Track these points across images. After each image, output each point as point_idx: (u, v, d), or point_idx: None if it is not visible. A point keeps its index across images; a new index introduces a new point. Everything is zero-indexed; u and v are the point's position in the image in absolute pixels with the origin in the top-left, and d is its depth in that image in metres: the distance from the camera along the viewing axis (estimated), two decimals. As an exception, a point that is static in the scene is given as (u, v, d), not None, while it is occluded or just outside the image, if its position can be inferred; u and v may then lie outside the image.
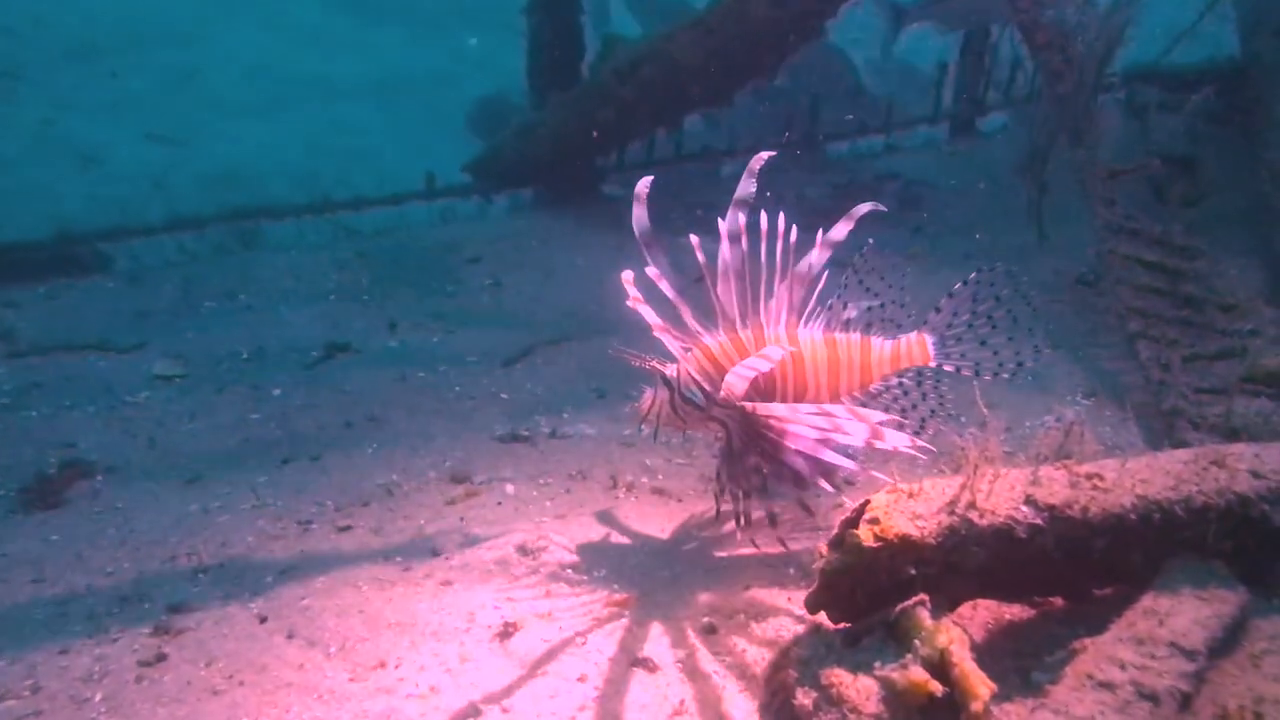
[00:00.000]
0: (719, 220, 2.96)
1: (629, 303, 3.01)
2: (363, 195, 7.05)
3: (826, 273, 3.10)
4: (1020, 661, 2.61)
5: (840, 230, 3.00)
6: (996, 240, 5.27)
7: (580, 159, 7.26)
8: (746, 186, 2.91)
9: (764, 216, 2.99)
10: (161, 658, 2.87)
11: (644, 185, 2.86)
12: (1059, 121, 4.74)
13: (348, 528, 3.54)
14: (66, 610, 3.11)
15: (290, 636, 2.94)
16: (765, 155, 2.89)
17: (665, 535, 3.40)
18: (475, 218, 7.72)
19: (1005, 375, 3.21)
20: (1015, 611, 2.76)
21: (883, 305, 3.20)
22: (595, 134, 6.56)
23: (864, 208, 3.01)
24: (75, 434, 4.36)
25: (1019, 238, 5.51)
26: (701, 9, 6.34)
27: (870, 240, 3.16)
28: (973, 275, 3.20)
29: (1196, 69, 6.64)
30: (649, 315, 2.88)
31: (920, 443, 2.92)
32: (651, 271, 2.93)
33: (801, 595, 2.95)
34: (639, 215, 2.86)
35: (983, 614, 2.77)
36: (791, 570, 3.10)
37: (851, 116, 7.35)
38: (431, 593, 3.11)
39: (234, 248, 6.79)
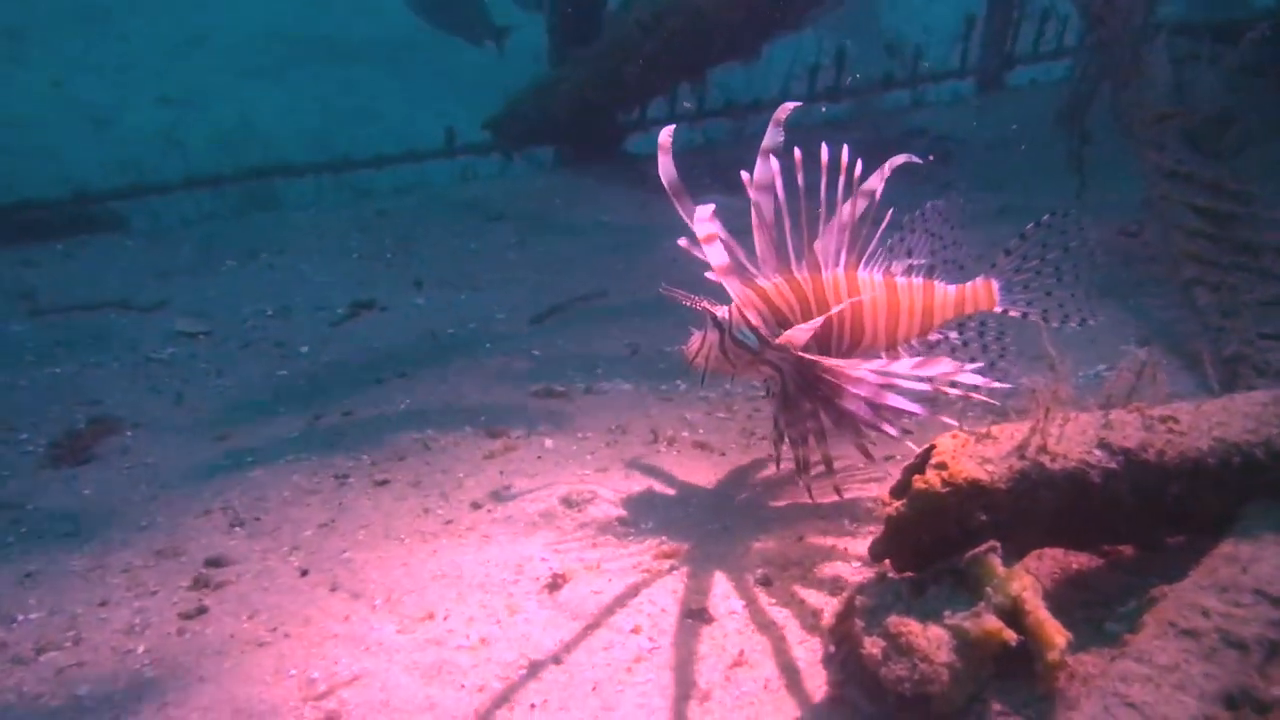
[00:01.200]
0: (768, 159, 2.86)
1: (681, 242, 2.92)
2: (383, 153, 6.94)
3: (890, 211, 3.01)
4: (1091, 611, 2.53)
5: (875, 181, 2.91)
6: (1030, 194, 5.15)
7: (602, 115, 7.13)
8: (774, 136, 2.81)
9: (825, 149, 2.88)
10: (202, 610, 2.80)
11: (667, 134, 2.74)
12: (1102, 67, 4.61)
13: (385, 481, 3.46)
14: (104, 563, 3.04)
15: (334, 589, 2.87)
16: (791, 105, 2.79)
17: (711, 487, 3.32)
18: (496, 176, 7.60)
19: (1073, 325, 3.12)
20: (1083, 561, 2.67)
21: (947, 247, 3.10)
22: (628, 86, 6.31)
23: (899, 159, 2.92)
24: (101, 390, 4.28)
25: (1053, 190, 5.38)
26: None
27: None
28: (1045, 218, 3.10)
29: (1233, 21, 6.48)
30: (717, 254, 2.76)
31: (995, 383, 2.85)
32: (703, 212, 2.82)
33: (858, 545, 2.88)
34: (665, 165, 2.73)
35: (1048, 563, 2.68)
36: (846, 520, 3.02)
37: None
38: (476, 545, 3.04)
39: (252, 207, 6.68)
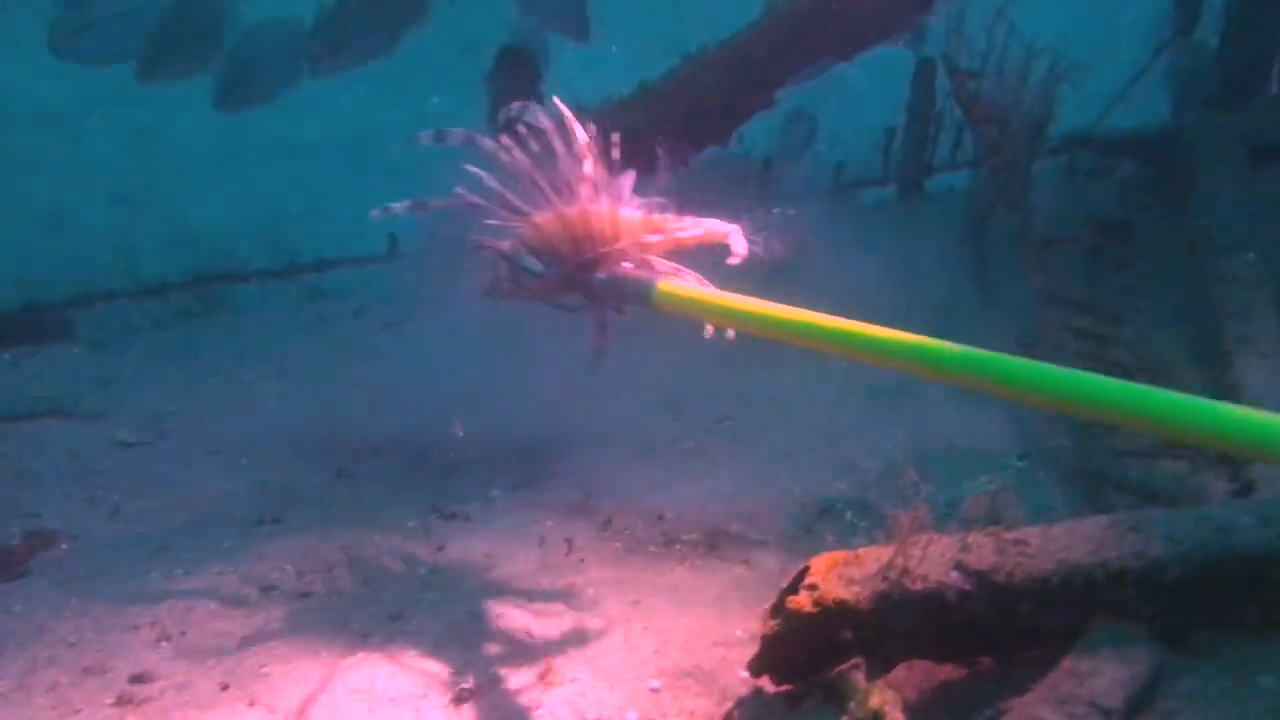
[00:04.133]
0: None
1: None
2: (326, 258, 7.15)
3: None
4: (953, 720, 2.76)
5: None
6: (939, 298, 5.49)
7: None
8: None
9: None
10: (124, 727, 2.95)
11: None
12: (997, 191, 4.97)
13: (309, 593, 3.63)
14: (28, 683, 3.16)
15: (251, 704, 3.02)
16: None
17: (623, 597, 3.52)
18: (438, 281, 7.82)
19: None
20: (948, 672, 2.90)
21: None
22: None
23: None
24: (39, 503, 4.40)
25: (962, 298, 5.72)
26: (654, 80, 6.53)
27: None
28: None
29: (1131, 134, 6.94)
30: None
31: None
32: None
33: (748, 657, 3.08)
34: None
35: (918, 674, 2.90)
36: (738, 632, 3.23)
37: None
38: (389, 657, 3.21)
39: (199, 310, 6.84)
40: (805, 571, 2.80)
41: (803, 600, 2.73)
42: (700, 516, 4.00)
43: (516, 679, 3.07)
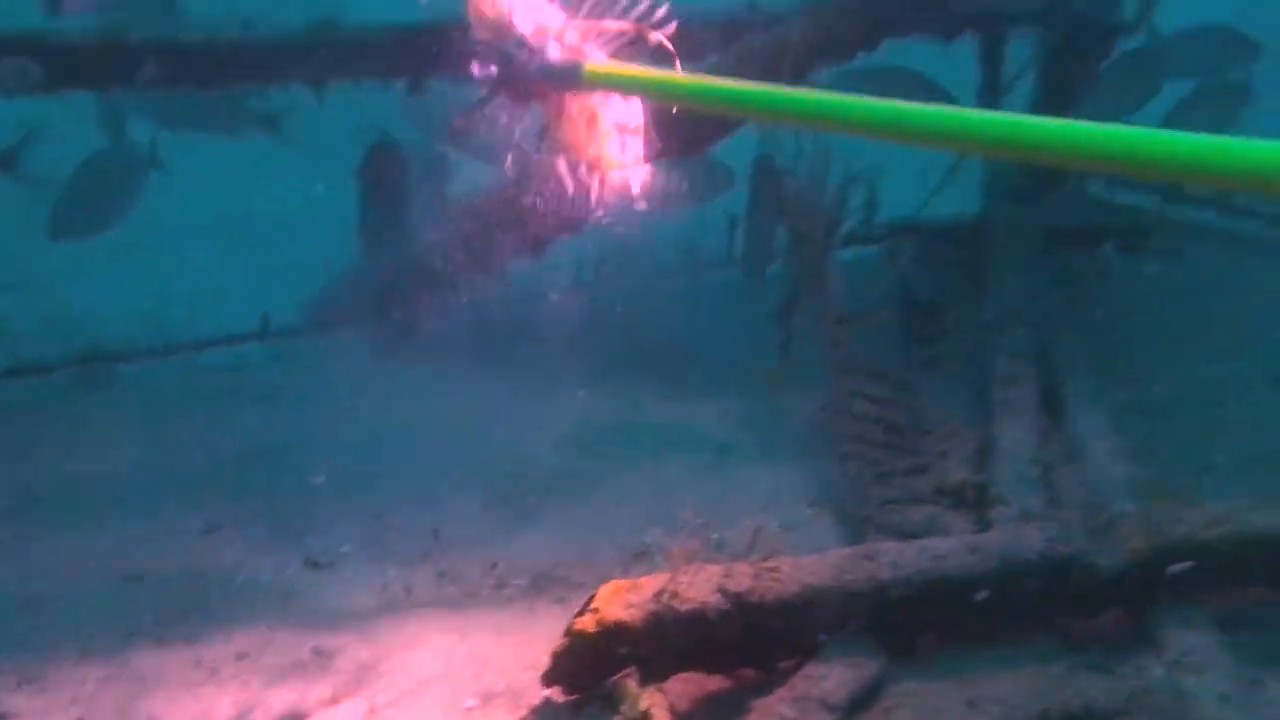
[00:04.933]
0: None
1: None
2: (200, 338, 7.48)
3: None
4: (715, 723, 3.26)
5: None
6: (762, 371, 6.18)
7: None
8: None
9: None
10: (-21, 757, 3.28)
11: None
12: (804, 275, 5.63)
13: (164, 638, 3.98)
14: (-110, 723, 3.47)
15: (107, 733, 3.39)
16: None
17: (453, 633, 3.95)
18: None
19: None
20: (716, 683, 3.40)
21: None
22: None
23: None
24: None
25: (781, 371, 6.37)
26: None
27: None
28: None
29: (949, 223, 7.73)
30: None
31: None
32: None
33: (552, 677, 3.55)
34: None
35: (691, 687, 3.39)
36: (545, 659, 3.69)
37: None
38: (235, 690, 3.60)
39: (78, 390, 7.09)
40: (592, 598, 3.30)
41: (586, 621, 3.22)
42: (530, 564, 4.47)
43: (349, 703, 3.49)
